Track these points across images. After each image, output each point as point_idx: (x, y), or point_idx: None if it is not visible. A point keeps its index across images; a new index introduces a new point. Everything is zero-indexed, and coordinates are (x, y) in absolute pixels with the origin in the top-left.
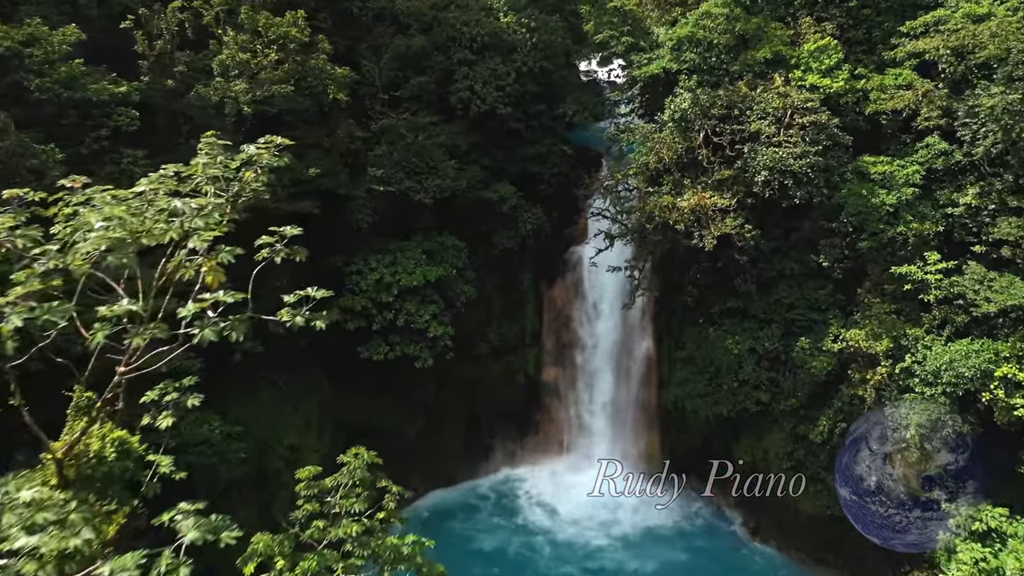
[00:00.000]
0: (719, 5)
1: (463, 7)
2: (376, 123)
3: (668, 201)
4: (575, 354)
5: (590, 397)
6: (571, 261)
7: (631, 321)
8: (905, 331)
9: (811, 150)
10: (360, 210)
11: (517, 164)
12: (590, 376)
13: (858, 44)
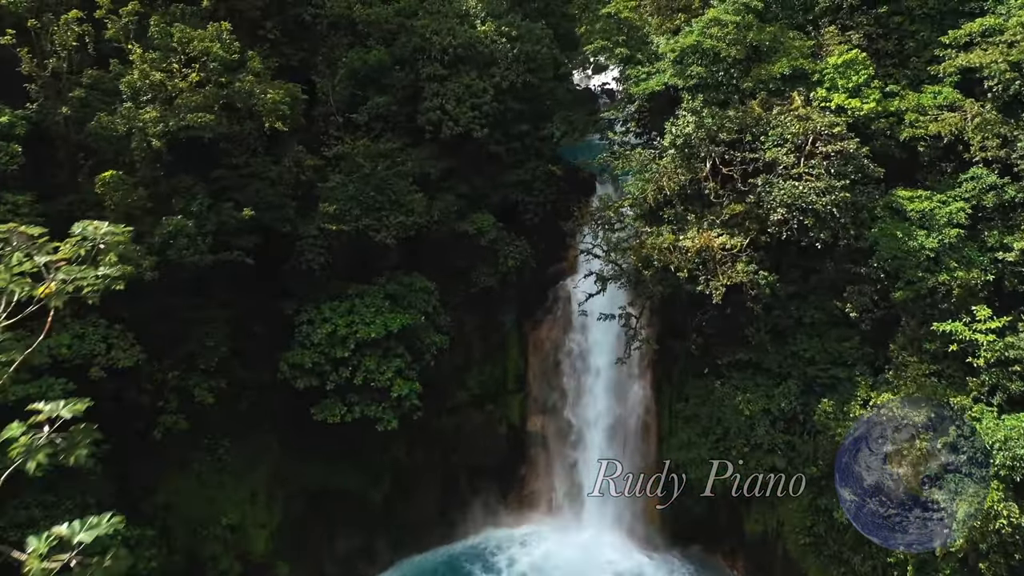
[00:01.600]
0: (728, 12)
1: (433, 14)
2: (331, 149)
3: (669, 240)
4: (564, 401)
5: (581, 449)
6: (560, 297)
7: (626, 365)
8: (948, 398)
9: (836, 185)
10: (311, 250)
11: (498, 191)
12: (581, 426)
13: (888, 57)
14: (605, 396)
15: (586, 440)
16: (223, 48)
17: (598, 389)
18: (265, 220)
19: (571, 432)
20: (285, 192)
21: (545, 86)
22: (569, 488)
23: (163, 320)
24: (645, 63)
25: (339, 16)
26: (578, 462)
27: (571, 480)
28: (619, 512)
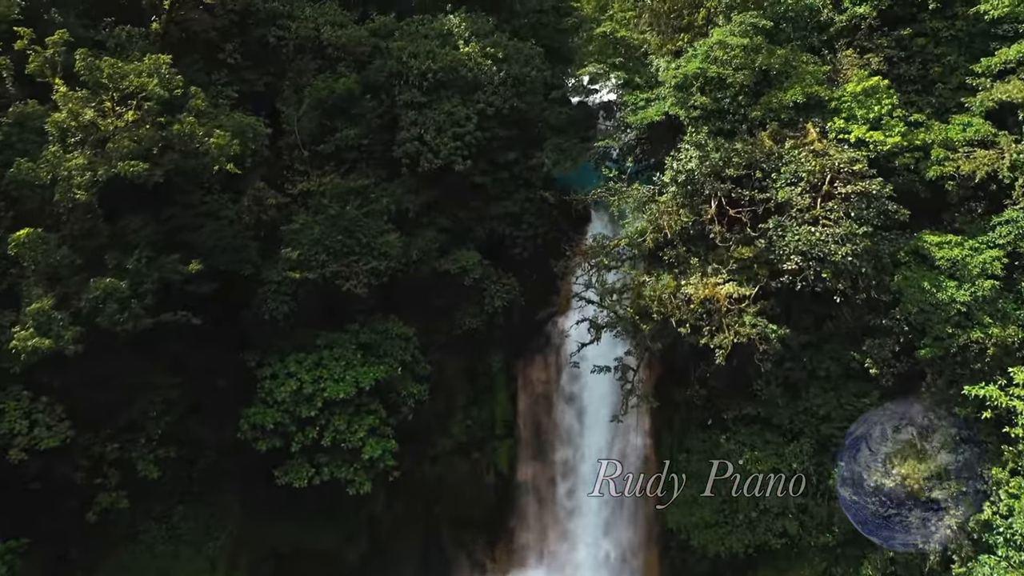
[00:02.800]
0: (735, 33)
1: (411, 35)
2: (295, 186)
3: (669, 287)
4: (556, 447)
5: (575, 499)
6: (552, 335)
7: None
8: (982, 470)
9: (858, 232)
10: (273, 298)
11: (484, 224)
12: (575, 473)
13: (911, 82)
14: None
15: (580, 489)
16: (161, 84)
17: (593, 435)
18: (222, 264)
19: (564, 481)
20: (245, 232)
21: (535, 111)
22: (562, 541)
23: (99, 389)
24: (644, 88)
25: (306, 38)
26: (572, 512)
27: (564, 532)
28: (618, 570)
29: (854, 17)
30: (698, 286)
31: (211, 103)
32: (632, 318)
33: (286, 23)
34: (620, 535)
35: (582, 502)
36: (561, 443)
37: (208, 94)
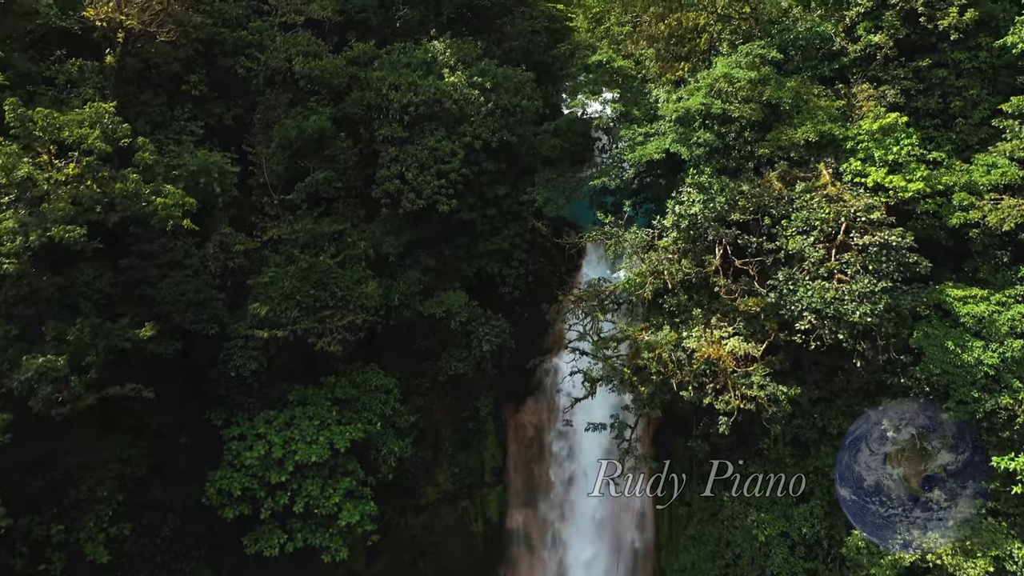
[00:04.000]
0: (741, 65)
1: (391, 64)
2: (265, 232)
3: (670, 340)
4: (550, 493)
5: (569, 548)
6: (544, 376)
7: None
8: (1012, 549)
9: (876, 288)
10: (241, 354)
11: (472, 263)
12: (569, 521)
13: (929, 116)
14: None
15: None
16: (103, 136)
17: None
18: (185, 323)
19: (557, 529)
20: (211, 282)
21: (526, 142)
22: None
23: (39, 471)
24: (642, 120)
25: (277, 70)
26: (565, 561)
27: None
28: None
29: (869, 46)
30: (701, 340)
31: (174, 140)
32: (630, 380)
33: (255, 54)
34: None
35: (576, 554)
36: (554, 490)
37: (170, 131)
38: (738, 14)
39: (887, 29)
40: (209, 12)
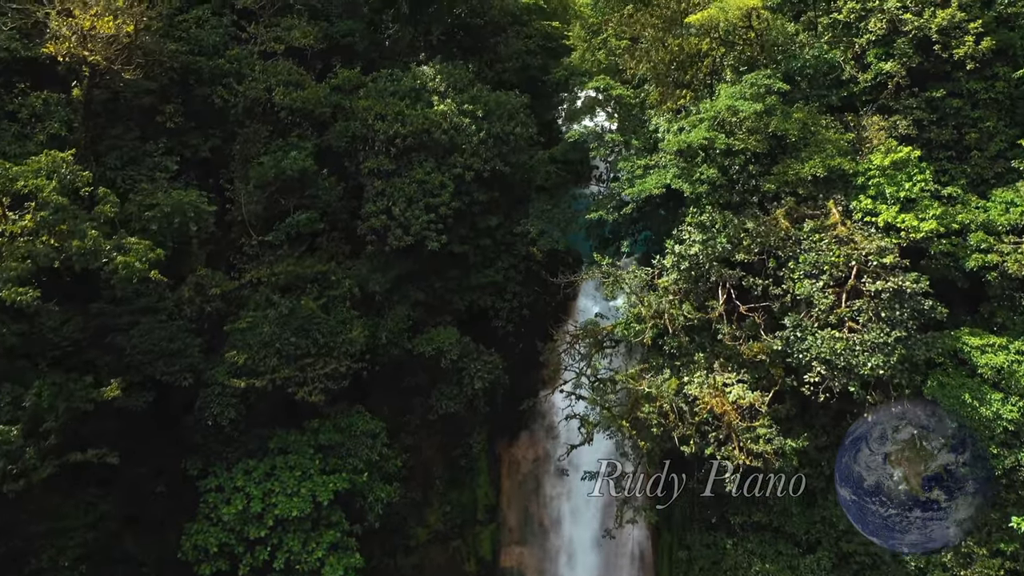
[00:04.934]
0: (747, 96)
1: (378, 92)
2: (244, 275)
3: (670, 387)
4: (546, 531)
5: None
6: (539, 410)
7: (619, 496)
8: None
9: (889, 338)
10: (218, 402)
11: (464, 296)
12: (565, 560)
13: (943, 148)
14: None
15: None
16: (59, 187)
17: (585, 517)
18: (158, 373)
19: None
20: (186, 327)
21: (520, 171)
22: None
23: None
24: (642, 151)
25: (256, 100)
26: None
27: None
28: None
29: (879, 74)
30: (703, 387)
31: (147, 176)
32: (630, 433)
33: (233, 83)
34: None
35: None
36: (550, 526)
37: (143, 166)
38: (742, 39)
39: (899, 57)
40: (185, 39)
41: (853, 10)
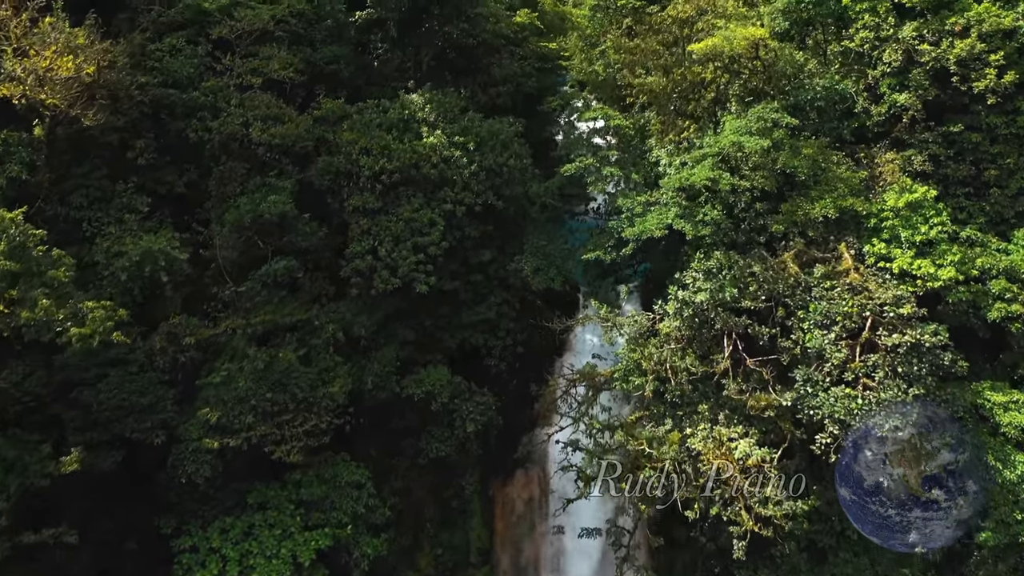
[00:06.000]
0: (753, 131)
1: (363, 125)
2: (219, 324)
3: (672, 446)
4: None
5: None
6: (534, 448)
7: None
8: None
9: (908, 397)
10: (193, 459)
11: (455, 334)
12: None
13: (960, 184)
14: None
15: None
16: (6, 250)
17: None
18: (128, 431)
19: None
20: (159, 379)
21: (515, 205)
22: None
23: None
24: (642, 186)
25: (232, 136)
26: None
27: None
28: None
29: (893, 106)
30: (707, 440)
31: (115, 219)
32: (632, 499)
33: (208, 118)
34: None
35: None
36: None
37: (111, 207)
38: (748, 69)
39: (915, 89)
40: (158, 70)
41: (866, 39)
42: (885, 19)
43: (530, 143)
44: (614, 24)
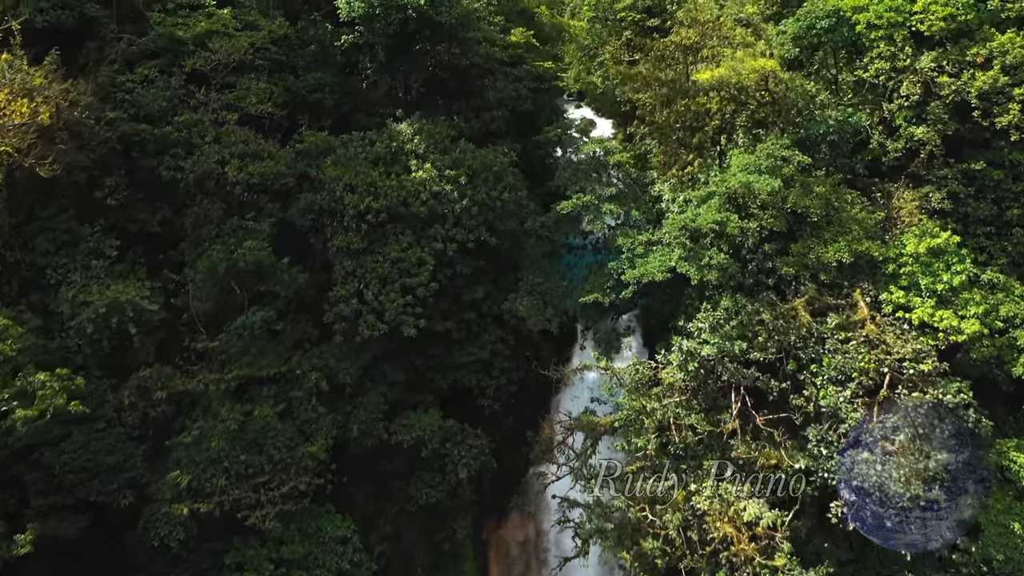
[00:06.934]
0: (763, 170)
1: (348, 159)
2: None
3: (676, 503)
4: None
5: None
6: (530, 488)
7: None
8: None
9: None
10: (165, 521)
11: (447, 374)
12: None
13: (981, 223)
14: None
15: None
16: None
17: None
18: (93, 494)
19: None
20: (128, 435)
21: (509, 239)
22: None
23: None
24: (643, 224)
25: (207, 174)
26: None
27: None
28: None
29: (910, 141)
30: (713, 500)
31: (81, 265)
32: (632, 567)
33: (181, 155)
34: None
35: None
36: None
37: (78, 252)
38: (756, 100)
39: (933, 123)
40: (129, 103)
41: (881, 70)
42: (902, 49)
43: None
44: (613, 36)
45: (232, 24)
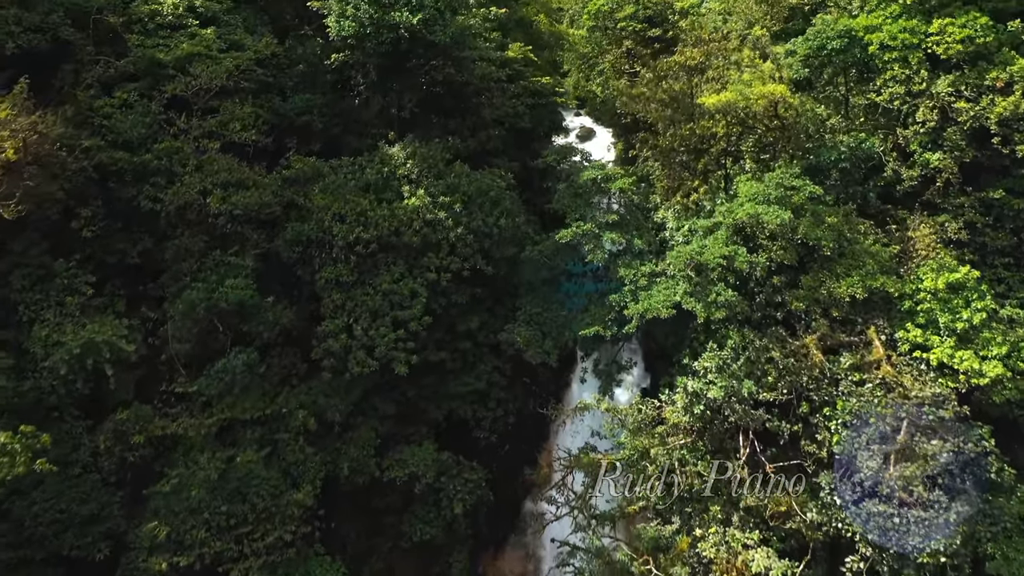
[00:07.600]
0: (772, 200)
1: (337, 186)
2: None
3: (681, 548)
4: None
5: None
6: (527, 520)
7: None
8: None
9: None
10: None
11: (441, 405)
12: None
13: (999, 254)
14: None
15: None
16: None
17: None
18: (65, 548)
19: None
20: (105, 480)
21: (506, 265)
22: None
23: None
24: (646, 254)
25: (188, 205)
26: None
27: None
28: None
29: (925, 168)
30: (719, 547)
31: (55, 302)
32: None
33: (162, 185)
34: None
35: None
36: None
37: (52, 287)
38: (764, 125)
39: (950, 150)
40: (106, 128)
41: (896, 94)
42: (917, 72)
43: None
44: (613, 45)
45: (216, 45)
